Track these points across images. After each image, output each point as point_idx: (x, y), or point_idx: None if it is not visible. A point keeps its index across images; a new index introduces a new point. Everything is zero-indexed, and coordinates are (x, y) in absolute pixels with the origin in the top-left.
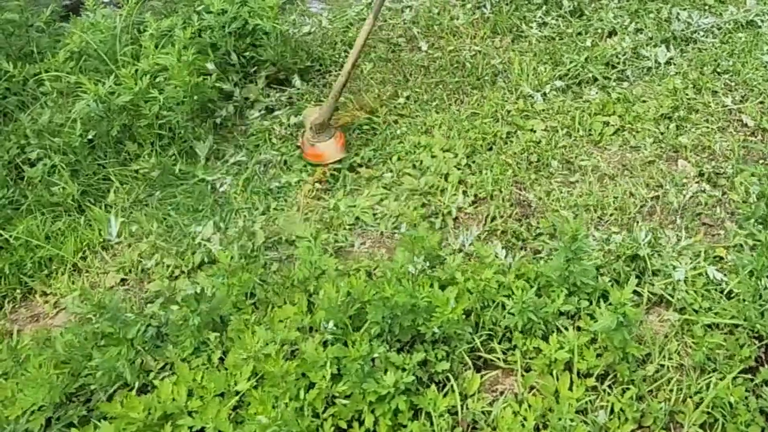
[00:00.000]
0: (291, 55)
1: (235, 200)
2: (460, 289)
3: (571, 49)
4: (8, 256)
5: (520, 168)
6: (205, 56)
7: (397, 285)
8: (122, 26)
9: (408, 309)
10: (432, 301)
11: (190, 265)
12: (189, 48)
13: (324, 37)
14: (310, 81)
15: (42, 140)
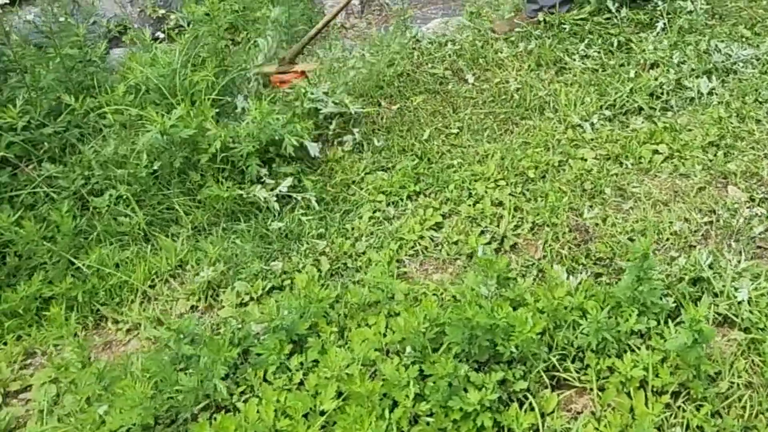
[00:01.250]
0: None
1: (299, 227)
2: (531, 310)
3: (615, 80)
4: (81, 284)
5: (574, 195)
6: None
7: (475, 306)
8: (182, 61)
9: (486, 329)
10: (510, 322)
11: (260, 292)
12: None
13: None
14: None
15: (107, 171)
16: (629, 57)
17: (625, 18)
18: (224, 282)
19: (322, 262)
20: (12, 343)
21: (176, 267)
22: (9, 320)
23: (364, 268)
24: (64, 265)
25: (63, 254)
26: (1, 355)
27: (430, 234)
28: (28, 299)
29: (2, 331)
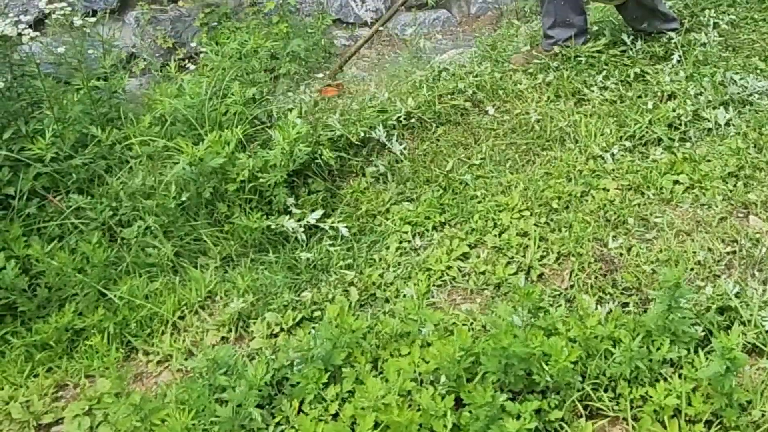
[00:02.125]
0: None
1: (327, 257)
2: (564, 339)
3: (634, 111)
4: (112, 315)
5: (598, 225)
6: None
7: (511, 335)
8: (212, 92)
9: (522, 358)
10: (545, 351)
11: (290, 322)
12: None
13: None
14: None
15: (135, 202)
16: (646, 88)
17: (639, 50)
18: (254, 313)
19: (351, 293)
20: (43, 376)
21: (205, 298)
22: (40, 352)
23: (392, 298)
24: (94, 297)
25: (94, 285)
26: (32, 387)
27: (458, 264)
28: (60, 331)
29: (33, 363)
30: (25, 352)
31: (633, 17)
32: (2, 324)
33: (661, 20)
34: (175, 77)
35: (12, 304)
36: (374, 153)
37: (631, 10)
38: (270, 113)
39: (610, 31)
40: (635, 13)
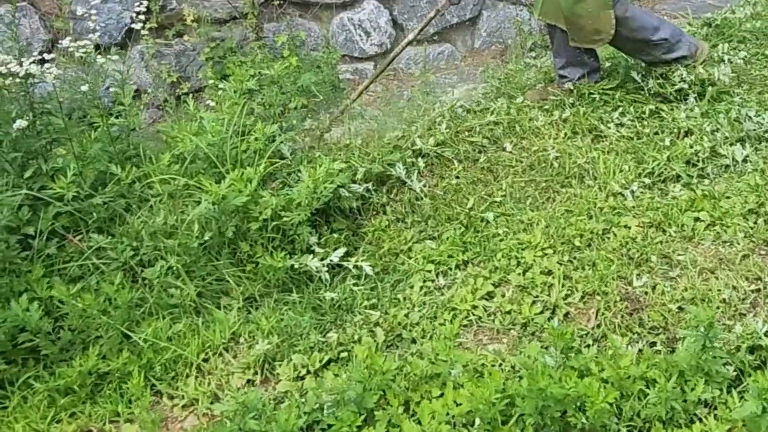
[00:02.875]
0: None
1: (351, 297)
2: (597, 380)
3: (651, 148)
4: (137, 358)
5: (621, 264)
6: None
7: (547, 377)
8: (233, 130)
9: (558, 400)
10: (581, 392)
11: (317, 364)
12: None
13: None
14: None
15: (156, 242)
16: (662, 125)
17: (652, 87)
18: (279, 355)
19: (377, 334)
20: (66, 421)
21: (229, 339)
22: (63, 397)
23: (419, 338)
24: (118, 339)
25: (119, 327)
26: None
27: (483, 304)
28: (83, 375)
29: (56, 408)
30: (47, 396)
31: (628, 50)
32: (25, 368)
33: (663, 49)
34: (193, 114)
35: (35, 348)
36: (394, 190)
37: (622, 43)
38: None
39: (624, 68)
40: (627, 46)
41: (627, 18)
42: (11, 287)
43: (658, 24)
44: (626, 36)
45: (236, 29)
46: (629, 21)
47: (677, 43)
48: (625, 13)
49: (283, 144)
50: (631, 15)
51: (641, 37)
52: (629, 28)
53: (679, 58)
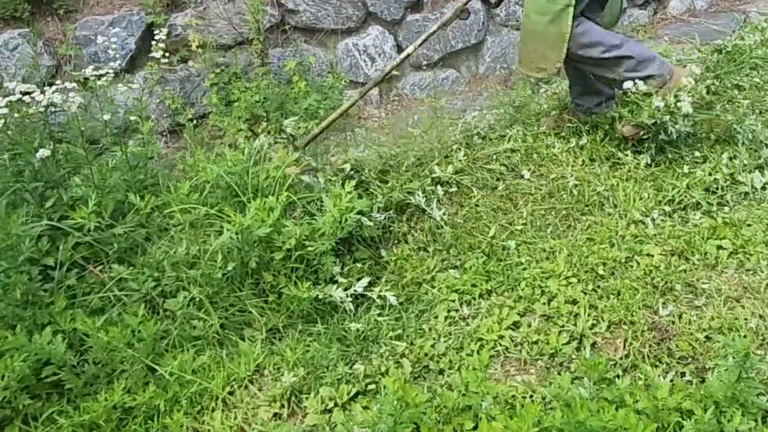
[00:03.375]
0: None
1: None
2: (631, 411)
3: (670, 175)
4: (162, 392)
5: (646, 292)
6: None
7: (586, 409)
8: (255, 159)
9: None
10: (619, 424)
11: (345, 397)
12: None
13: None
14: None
15: (178, 272)
16: (679, 151)
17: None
18: (306, 387)
19: (404, 365)
20: None
21: (254, 372)
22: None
23: (447, 369)
24: (143, 372)
25: (144, 361)
26: None
27: (509, 334)
28: (109, 409)
29: None
30: None
31: (590, 69)
32: (48, 402)
33: (626, 66)
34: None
35: (59, 382)
36: (414, 219)
37: (582, 62)
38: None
39: None
40: (587, 64)
41: (579, 34)
42: (34, 320)
43: (620, 42)
44: (582, 54)
45: (241, 55)
46: (581, 37)
47: (645, 62)
48: (576, 28)
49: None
50: (583, 31)
51: (598, 53)
52: (580, 44)
53: (647, 77)
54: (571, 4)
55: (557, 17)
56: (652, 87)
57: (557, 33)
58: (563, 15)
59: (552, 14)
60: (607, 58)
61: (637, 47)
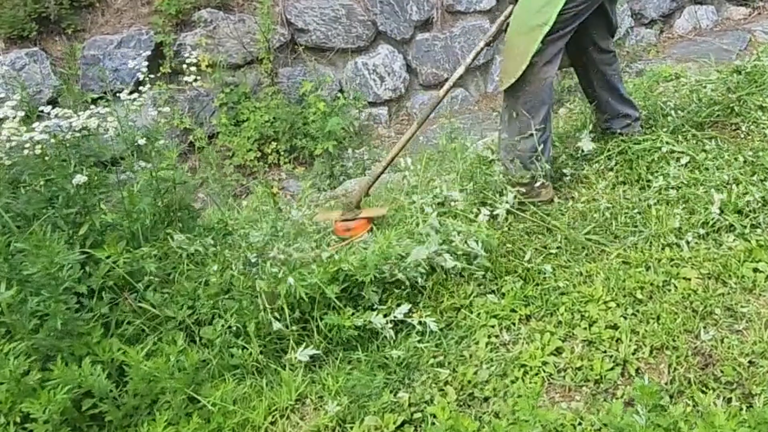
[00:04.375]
0: None
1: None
2: None
3: (701, 197)
4: (205, 423)
5: (686, 316)
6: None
7: None
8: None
9: None
10: None
11: (392, 426)
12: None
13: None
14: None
15: (215, 301)
16: (708, 174)
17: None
18: (350, 416)
19: (448, 392)
20: None
21: (296, 401)
22: None
23: (492, 397)
24: (184, 403)
25: (186, 391)
26: None
27: (552, 360)
28: None
29: None
30: None
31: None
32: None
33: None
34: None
35: (98, 414)
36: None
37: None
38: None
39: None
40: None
41: (545, 66)
42: (72, 350)
43: (545, 125)
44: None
45: (250, 74)
46: (542, 71)
47: (543, 157)
48: (541, 73)
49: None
50: (547, 71)
51: (529, 108)
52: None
53: (528, 168)
54: (547, 24)
55: (530, 31)
56: (517, 177)
57: (523, 47)
58: (536, 32)
59: (526, 28)
60: (526, 114)
61: (548, 144)
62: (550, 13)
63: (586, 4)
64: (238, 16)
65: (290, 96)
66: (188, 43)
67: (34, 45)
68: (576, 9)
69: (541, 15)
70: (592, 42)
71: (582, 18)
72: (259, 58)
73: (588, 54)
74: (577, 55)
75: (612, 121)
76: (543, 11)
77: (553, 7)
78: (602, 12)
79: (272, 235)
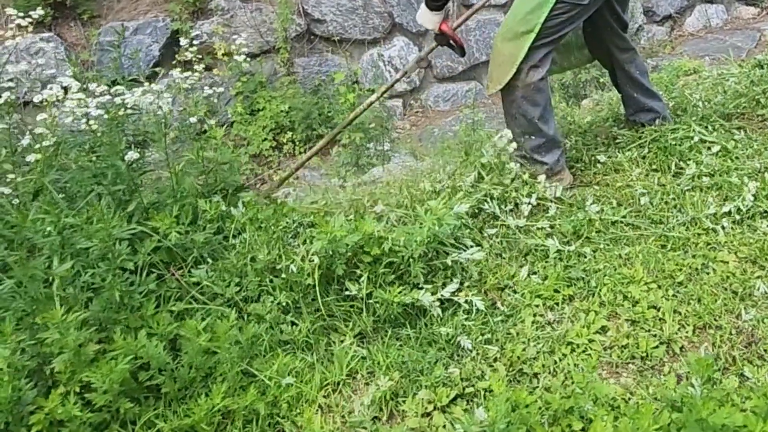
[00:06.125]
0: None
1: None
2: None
3: (734, 185)
4: (260, 395)
5: (726, 298)
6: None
7: (710, 406)
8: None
9: (718, 430)
10: (741, 422)
11: (445, 400)
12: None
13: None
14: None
15: (262, 278)
16: (739, 162)
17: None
18: (402, 391)
19: (498, 369)
20: None
21: (347, 376)
22: None
23: (541, 373)
24: (238, 376)
25: (242, 364)
26: None
27: (598, 338)
28: (210, 413)
29: None
30: None
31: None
32: (146, 406)
33: (533, 141)
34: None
35: (154, 386)
36: (486, 225)
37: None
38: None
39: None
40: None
41: (533, 70)
42: (127, 323)
43: (549, 120)
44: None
45: (266, 63)
46: (532, 74)
47: (553, 148)
48: (528, 78)
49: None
50: (540, 77)
51: (523, 111)
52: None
53: (541, 161)
54: (533, 31)
55: (516, 38)
56: (531, 171)
57: (509, 53)
58: (522, 38)
59: (512, 34)
60: (522, 116)
61: (553, 137)
62: (535, 21)
63: (576, 11)
64: (255, 5)
65: (305, 86)
66: (205, 31)
67: (49, 30)
68: (563, 17)
69: (527, 22)
70: (612, 42)
71: (575, 24)
72: (276, 47)
73: (612, 55)
74: (603, 57)
75: (638, 114)
76: (528, 19)
77: (538, 16)
78: (614, 13)
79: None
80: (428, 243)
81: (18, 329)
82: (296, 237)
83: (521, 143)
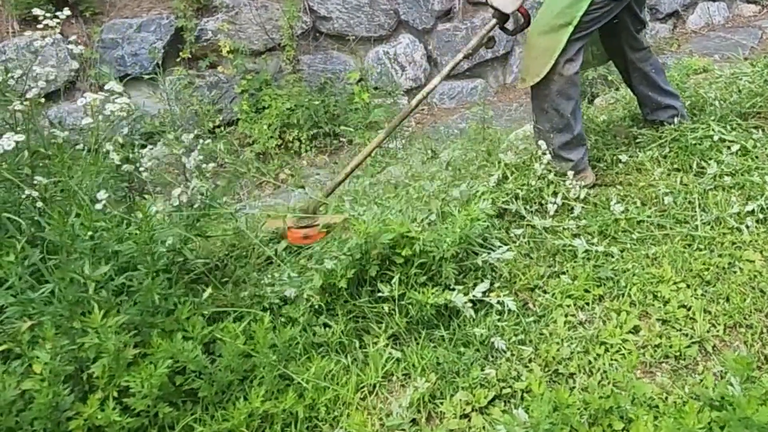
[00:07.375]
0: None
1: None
2: None
3: (756, 182)
4: (299, 399)
5: (755, 296)
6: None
7: (755, 404)
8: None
9: (762, 427)
10: None
11: (483, 402)
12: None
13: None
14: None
15: (298, 279)
16: (759, 161)
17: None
18: (439, 392)
19: (533, 369)
20: None
21: (382, 377)
22: None
23: (577, 373)
24: (275, 379)
25: (281, 368)
26: None
27: (631, 338)
28: (249, 417)
29: None
30: None
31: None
32: (184, 410)
33: (561, 136)
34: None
35: (191, 390)
36: (512, 225)
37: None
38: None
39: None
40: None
41: (568, 63)
42: (163, 326)
43: (577, 120)
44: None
45: (271, 61)
46: (567, 67)
47: (579, 145)
48: (564, 71)
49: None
50: (573, 72)
51: (557, 105)
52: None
53: (567, 158)
54: (571, 24)
55: (552, 31)
56: (557, 168)
57: (547, 45)
58: (560, 31)
59: (548, 27)
60: (563, 116)
61: (580, 135)
62: (573, 14)
63: (610, 7)
64: (260, 2)
65: (311, 84)
66: (209, 28)
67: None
68: (600, 11)
69: (565, 15)
70: (626, 42)
71: (607, 19)
72: (282, 45)
73: (625, 55)
74: (616, 57)
75: (656, 113)
76: (566, 12)
77: (577, 9)
78: (632, 12)
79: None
80: (459, 243)
81: (57, 334)
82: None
83: (550, 139)
